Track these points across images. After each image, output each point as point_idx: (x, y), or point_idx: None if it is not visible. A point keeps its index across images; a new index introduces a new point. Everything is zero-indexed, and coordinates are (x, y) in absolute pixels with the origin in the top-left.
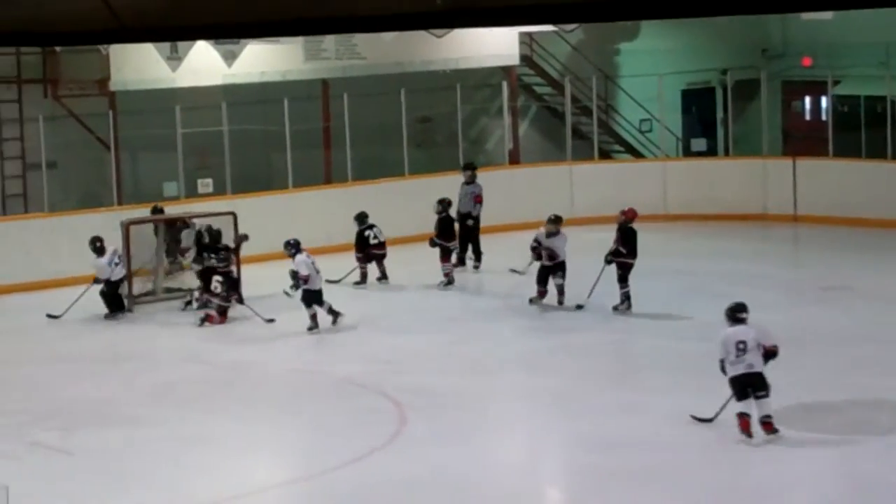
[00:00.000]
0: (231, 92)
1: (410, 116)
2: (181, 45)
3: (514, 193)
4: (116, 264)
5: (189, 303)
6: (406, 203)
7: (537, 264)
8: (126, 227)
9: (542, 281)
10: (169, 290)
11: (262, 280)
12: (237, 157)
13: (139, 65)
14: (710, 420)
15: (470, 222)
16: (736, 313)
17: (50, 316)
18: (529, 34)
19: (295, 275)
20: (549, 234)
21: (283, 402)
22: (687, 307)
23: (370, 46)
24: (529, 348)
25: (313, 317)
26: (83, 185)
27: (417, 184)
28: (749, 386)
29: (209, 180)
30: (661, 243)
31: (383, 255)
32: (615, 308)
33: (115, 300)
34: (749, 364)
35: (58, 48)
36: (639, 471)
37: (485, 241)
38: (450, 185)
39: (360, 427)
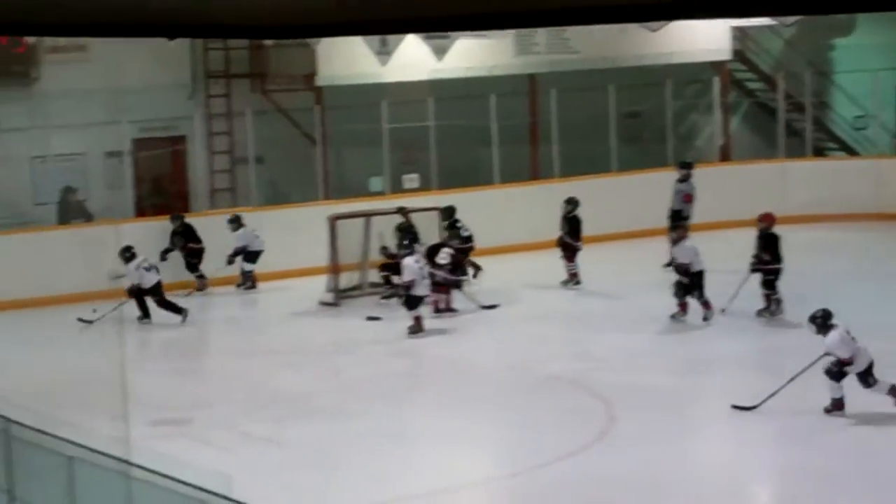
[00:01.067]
0: (437, 87)
1: (618, 112)
2: (392, 39)
3: (726, 191)
4: (147, 270)
5: (390, 297)
6: (613, 200)
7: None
8: (332, 221)
9: (679, 294)
10: (374, 285)
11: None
12: (443, 153)
13: (347, 60)
14: (753, 408)
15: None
16: (827, 321)
17: (81, 320)
18: (741, 28)
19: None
20: (674, 242)
21: (490, 398)
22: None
23: (582, 40)
24: (742, 348)
25: (417, 319)
26: (291, 179)
27: (625, 180)
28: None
29: (415, 175)
30: (873, 243)
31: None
32: (759, 313)
33: (143, 306)
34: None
35: (267, 42)
36: (839, 473)
37: (696, 240)
38: (657, 181)
39: (568, 424)
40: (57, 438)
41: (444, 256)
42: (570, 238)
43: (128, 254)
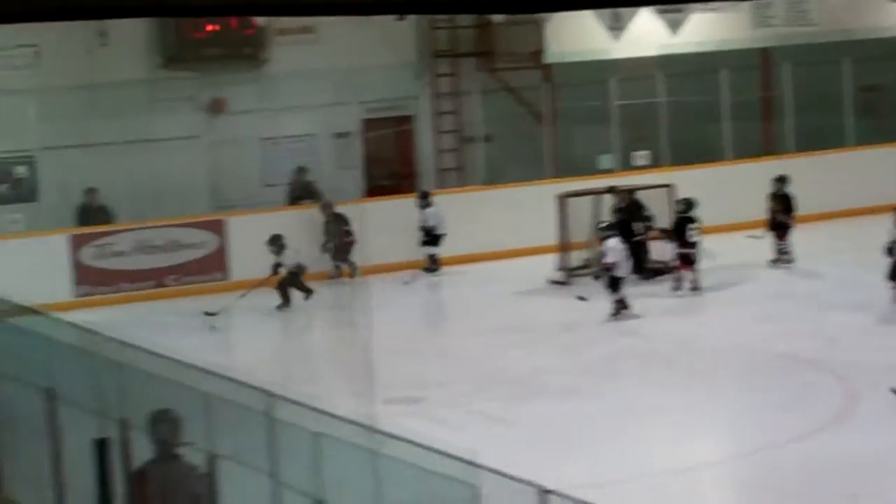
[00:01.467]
0: (667, 62)
1: (855, 85)
2: (625, 14)
3: None
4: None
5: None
6: (848, 174)
7: None
8: (562, 199)
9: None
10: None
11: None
12: (673, 129)
13: (576, 36)
14: None
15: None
16: None
17: (208, 314)
18: None
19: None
20: None
21: (721, 377)
22: None
23: (821, 12)
24: None
25: (619, 302)
26: (518, 157)
27: (861, 155)
28: None
29: (645, 152)
30: None
31: None
32: None
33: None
34: None
35: (494, 20)
36: None
37: None
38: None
39: (805, 403)
40: (307, 408)
41: (692, 233)
42: (783, 216)
43: (279, 243)
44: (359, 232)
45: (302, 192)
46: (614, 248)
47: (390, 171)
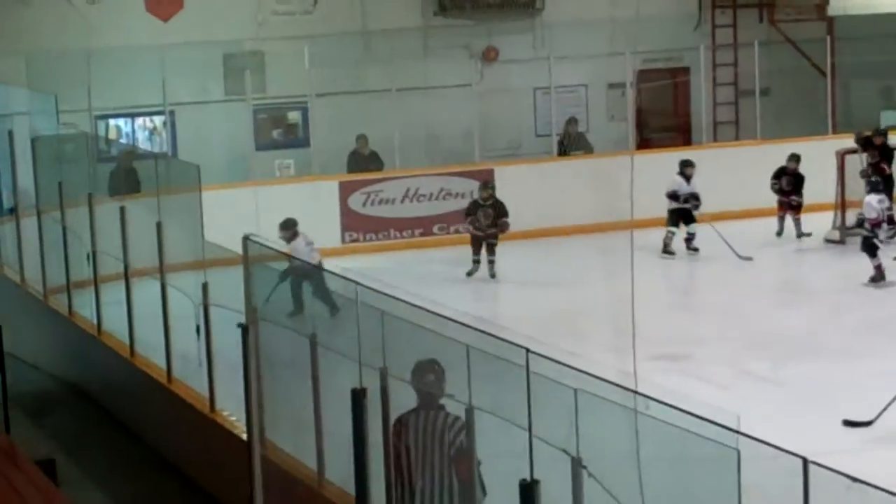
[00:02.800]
0: None
1: None
2: None
3: None
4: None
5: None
6: None
7: None
8: (840, 156)
9: None
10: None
11: None
12: None
13: None
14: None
15: None
16: None
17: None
18: None
19: None
20: None
21: None
22: None
23: None
24: None
25: (878, 268)
26: (796, 112)
27: None
28: None
29: None
30: None
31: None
32: None
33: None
34: None
35: None
36: None
37: None
38: None
39: None
40: (564, 365)
41: None
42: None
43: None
44: (626, 185)
45: (572, 143)
46: (871, 204)
47: (663, 124)
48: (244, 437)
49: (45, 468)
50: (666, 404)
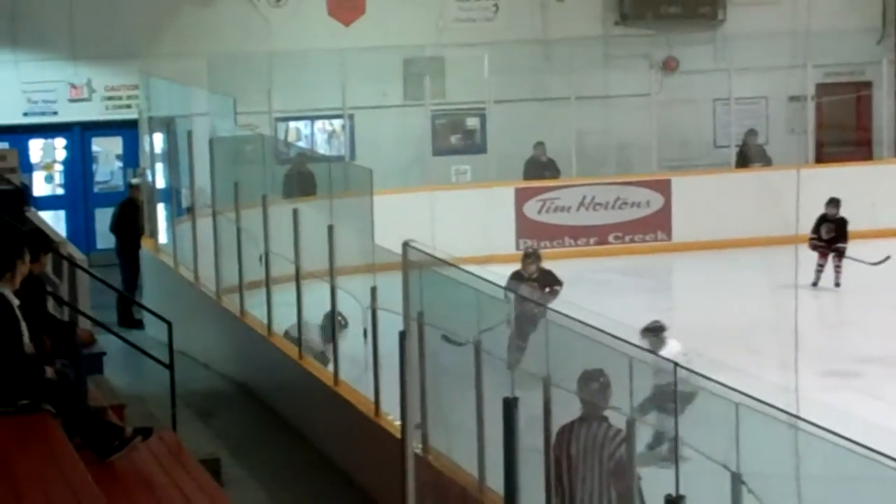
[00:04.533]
0: None
1: None
2: None
3: None
4: None
5: None
6: None
7: None
8: None
9: None
10: None
11: None
12: None
13: None
14: None
15: None
16: None
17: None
18: None
19: None
20: None
21: None
22: None
23: None
24: None
25: None
26: None
27: None
28: None
29: None
30: None
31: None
32: None
33: None
34: None
35: None
36: None
37: None
38: None
39: None
40: (721, 384)
41: None
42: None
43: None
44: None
45: (751, 156)
46: None
47: (844, 138)
48: None
49: (209, 467)
50: (820, 427)
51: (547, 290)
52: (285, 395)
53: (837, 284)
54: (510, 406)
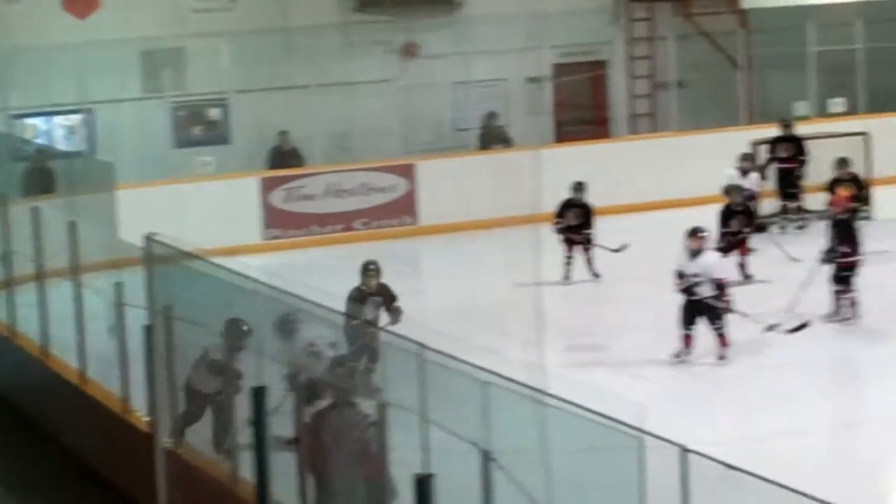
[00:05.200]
0: (867, 8)
1: None
2: None
3: None
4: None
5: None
6: None
7: None
8: (756, 146)
9: None
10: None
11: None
12: (873, 77)
13: None
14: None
15: None
16: None
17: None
18: None
19: None
20: None
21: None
22: None
23: None
24: None
25: None
26: (712, 104)
27: None
28: None
29: (841, 100)
30: None
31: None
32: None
33: None
34: None
35: None
36: None
37: None
38: None
39: None
40: (471, 365)
41: None
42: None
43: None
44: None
45: (492, 138)
46: None
47: (582, 117)
48: None
49: None
50: (567, 402)
51: (394, 305)
52: (32, 396)
53: (596, 275)
54: (259, 395)
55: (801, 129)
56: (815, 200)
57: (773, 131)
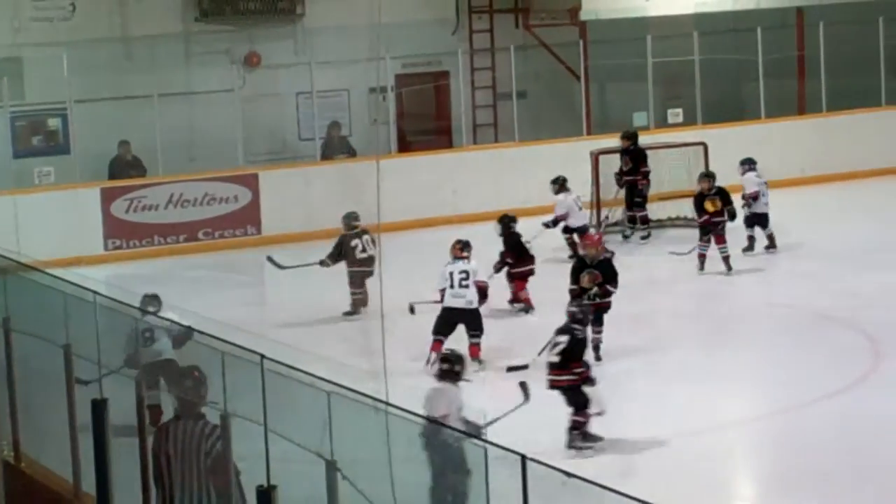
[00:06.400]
0: (702, 20)
1: (889, 45)
2: None
3: None
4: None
5: (646, 237)
6: (881, 135)
7: None
8: (595, 156)
9: None
10: (632, 221)
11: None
12: (708, 87)
13: None
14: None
15: None
16: None
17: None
18: None
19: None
20: None
21: (752, 336)
22: None
23: None
24: None
25: (750, 238)
26: (553, 114)
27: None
28: None
29: (679, 110)
30: None
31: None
32: None
33: None
34: None
35: None
36: None
37: None
38: None
39: (835, 362)
40: (312, 375)
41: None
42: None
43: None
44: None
45: (335, 147)
46: (753, 180)
47: (425, 127)
48: None
49: None
50: (408, 411)
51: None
52: None
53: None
54: (99, 408)
55: (641, 140)
56: (660, 209)
57: (613, 142)
